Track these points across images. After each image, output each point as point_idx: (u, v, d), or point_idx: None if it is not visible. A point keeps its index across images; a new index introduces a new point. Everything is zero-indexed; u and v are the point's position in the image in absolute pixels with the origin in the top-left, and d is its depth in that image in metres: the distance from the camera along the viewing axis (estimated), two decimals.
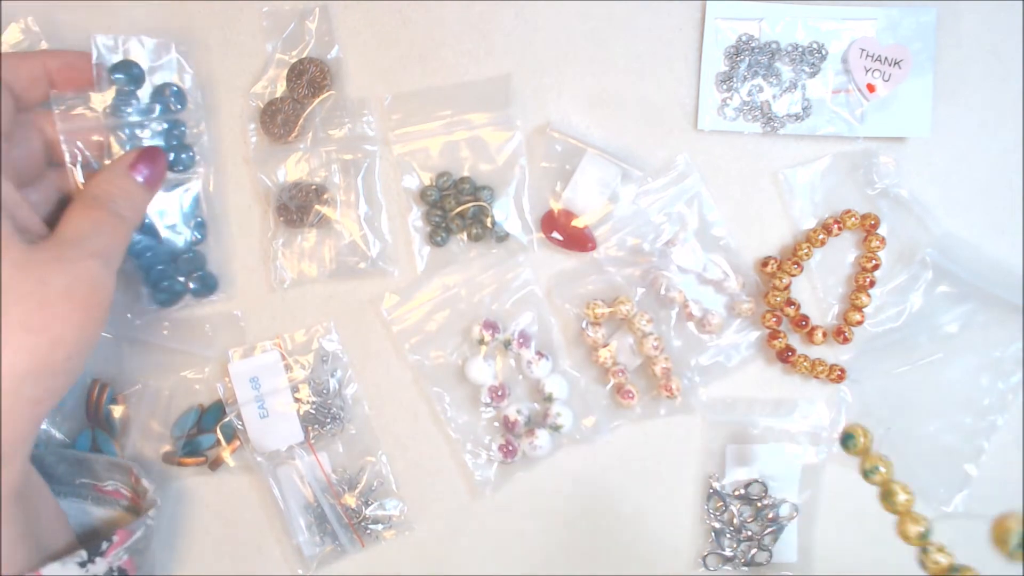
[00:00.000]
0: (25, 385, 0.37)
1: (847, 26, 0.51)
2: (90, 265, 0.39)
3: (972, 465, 0.52)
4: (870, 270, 0.51)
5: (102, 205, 0.42)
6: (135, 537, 0.44)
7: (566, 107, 0.52)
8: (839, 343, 0.51)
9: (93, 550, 0.42)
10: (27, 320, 0.36)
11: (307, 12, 0.50)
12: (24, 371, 0.36)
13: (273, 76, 0.50)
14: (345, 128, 0.51)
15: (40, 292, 0.37)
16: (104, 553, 0.42)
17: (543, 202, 0.51)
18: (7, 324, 0.36)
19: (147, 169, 0.45)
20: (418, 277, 0.52)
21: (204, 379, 0.52)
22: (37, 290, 0.37)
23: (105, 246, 0.41)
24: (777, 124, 0.51)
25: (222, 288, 0.51)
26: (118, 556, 0.43)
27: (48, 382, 0.38)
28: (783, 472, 0.53)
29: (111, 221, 0.42)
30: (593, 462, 0.53)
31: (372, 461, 0.52)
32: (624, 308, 0.50)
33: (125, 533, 0.44)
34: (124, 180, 0.44)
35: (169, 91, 0.48)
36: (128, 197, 0.44)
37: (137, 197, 0.45)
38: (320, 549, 0.52)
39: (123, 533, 0.44)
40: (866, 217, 0.51)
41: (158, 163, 0.46)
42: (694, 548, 0.54)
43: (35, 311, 0.37)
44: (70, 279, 0.38)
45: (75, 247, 0.39)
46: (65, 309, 0.38)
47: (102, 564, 0.42)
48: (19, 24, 0.49)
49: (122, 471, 0.48)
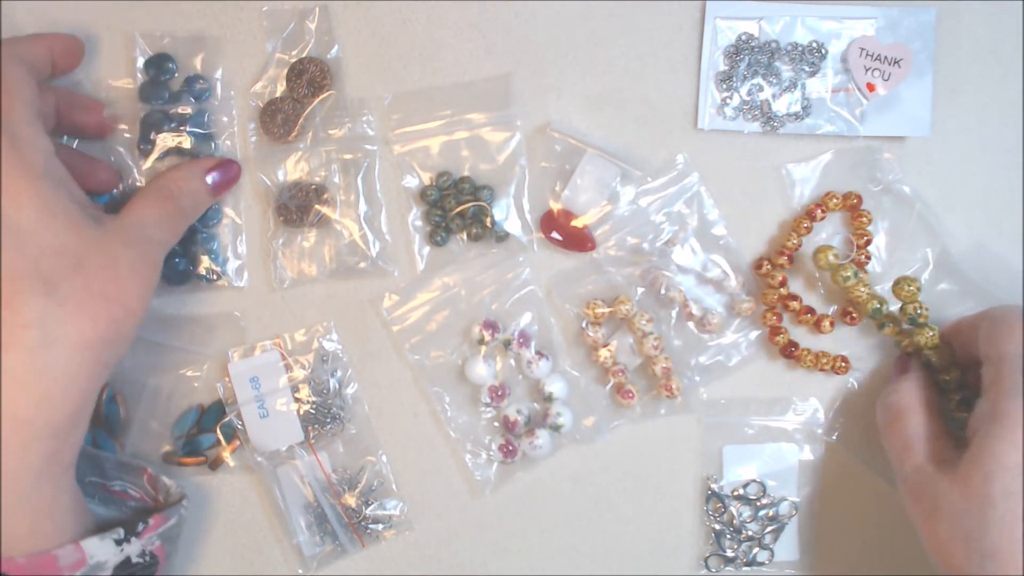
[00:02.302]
0: (103, 350, 0.40)
1: (847, 25, 0.51)
2: (149, 248, 0.43)
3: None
4: (863, 247, 0.51)
5: (170, 198, 0.45)
6: (169, 524, 0.45)
7: (566, 107, 0.52)
8: (847, 324, 0.51)
9: (130, 529, 0.43)
10: (105, 290, 0.40)
11: (307, 12, 0.50)
12: (103, 336, 0.40)
13: (273, 76, 0.51)
14: (345, 128, 0.51)
15: (113, 266, 0.40)
16: (140, 534, 0.43)
17: (543, 202, 0.52)
18: (90, 295, 0.39)
19: (220, 176, 0.49)
20: (418, 277, 0.52)
21: (203, 377, 0.52)
22: (111, 264, 0.40)
23: (163, 235, 0.44)
24: (777, 123, 0.51)
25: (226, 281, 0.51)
26: (151, 540, 0.44)
27: (119, 348, 0.41)
28: (781, 470, 0.53)
29: (174, 214, 0.46)
30: (593, 462, 0.53)
31: (372, 461, 0.52)
32: (624, 308, 0.50)
33: (161, 518, 0.45)
34: (196, 181, 0.47)
35: (199, 83, 0.50)
36: (194, 197, 0.47)
37: (202, 198, 0.48)
38: (320, 549, 0.52)
39: (159, 518, 0.44)
40: (847, 196, 0.51)
41: (231, 173, 0.49)
42: (695, 548, 0.54)
43: (111, 282, 0.40)
44: (134, 256, 0.41)
45: (138, 230, 0.43)
46: (134, 282, 0.41)
47: (136, 545, 0.43)
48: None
49: (132, 471, 0.48)
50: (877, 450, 0.53)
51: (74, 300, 0.38)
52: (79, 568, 0.40)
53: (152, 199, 0.45)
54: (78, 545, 0.40)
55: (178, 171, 0.47)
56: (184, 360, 0.51)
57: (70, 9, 0.50)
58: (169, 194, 0.46)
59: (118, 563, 0.42)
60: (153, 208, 0.44)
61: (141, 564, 0.43)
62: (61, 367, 0.38)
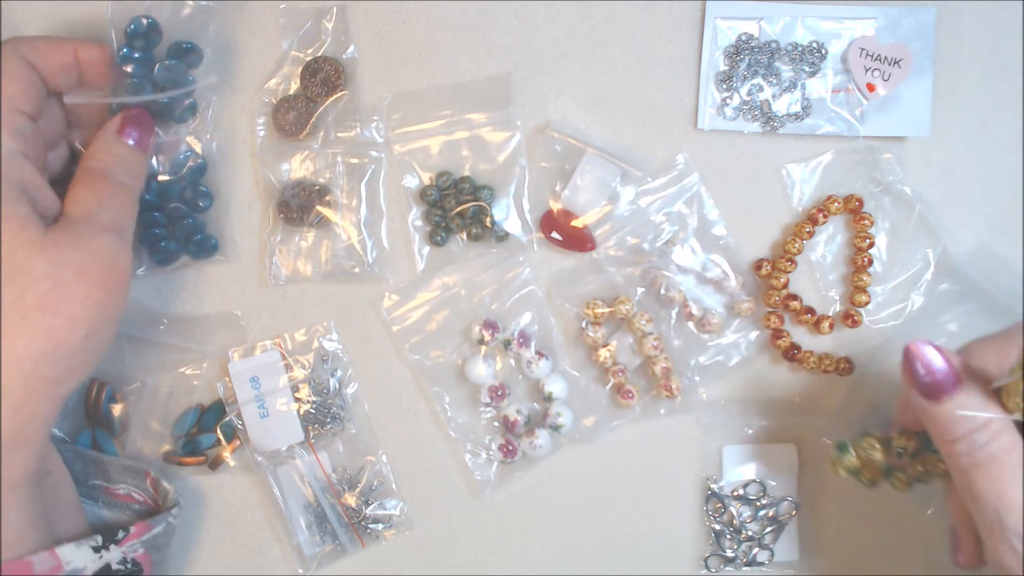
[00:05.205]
0: (43, 365, 0.37)
1: (847, 25, 0.51)
2: (104, 240, 0.40)
3: None
4: (865, 249, 0.51)
5: (102, 176, 0.42)
6: (153, 532, 0.44)
7: (566, 107, 0.52)
8: (848, 327, 0.51)
9: (108, 537, 0.42)
10: (42, 301, 0.37)
11: (324, 11, 0.50)
12: (40, 351, 0.37)
13: (287, 73, 0.50)
14: (354, 131, 0.51)
15: (55, 273, 0.38)
16: (120, 542, 0.42)
17: (543, 202, 0.52)
18: (24, 306, 0.37)
19: (135, 131, 0.44)
20: (418, 277, 0.52)
21: (203, 376, 0.52)
22: (52, 271, 0.38)
23: (114, 218, 0.41)
24: (777, 124, 0.51)
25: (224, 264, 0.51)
26: (133, 548, 0.43)
27: (67, 362, 0.38)
28: (781, 470, 0.53)
29: (115, 192, 0.42)
30: (593, 462, 0.53)
31: (372, 461, 0.52)
32: (624, 308, 0.50)
33: (143, 526, 0.44)
34: (116, 146, 0.44)
35: (184, 46, 0.47)
36: (124, 163, 0.43)
37: (133, 161, 0.44)
38: (320, 548, 0.52)
39: (141, 526, 0.44)
40: (848, 200, 0.51)
41: (144, 123, 0.45)
42: (695, 548, 0.54)
43: (49, 292, 0.37)
44: (84, 257, 0.39)
45: (86, 224, 0.40)
46: (80, 288, 0.38)
47: (116, 552, 0.42)
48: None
49: (136, 475, 0.48)
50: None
51: (11, 313, 0.37)
52: (55, 573, 0.40)
53: (84, 184, 0.42)
54: (53, 552, 0.40)
55: (95, 145, 0.43)
56: (184, 359, 0.51)
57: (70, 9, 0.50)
58: (99, 173, 0.42)
59: (97, 570, 0.41)
60: (89, 194, 0.41)
61: (123, 572, 0.43)
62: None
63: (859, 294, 0.51)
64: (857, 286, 0.51)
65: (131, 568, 0.43)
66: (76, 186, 0.42)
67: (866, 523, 0.53)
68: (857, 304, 0.51)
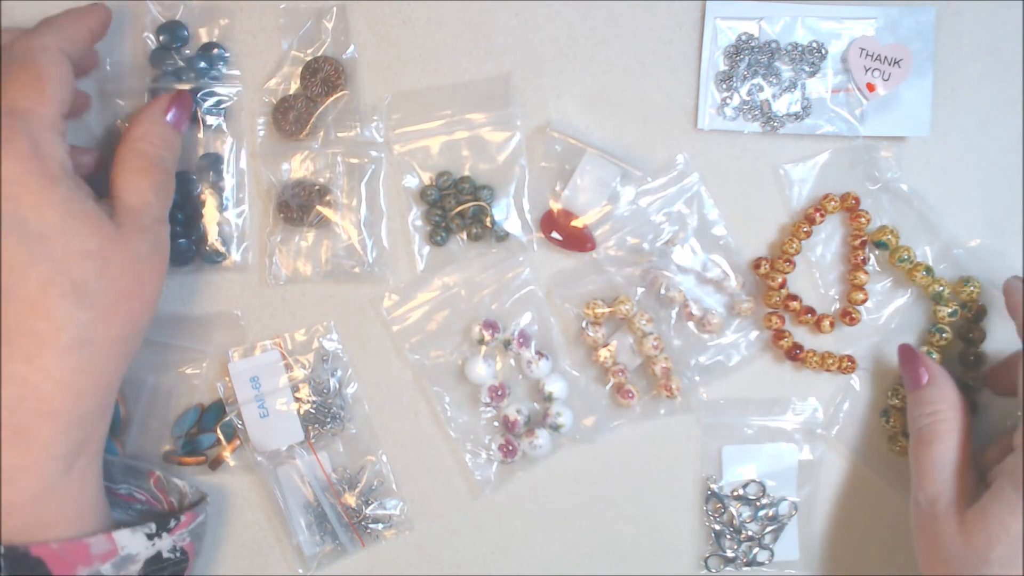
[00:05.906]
0: (127, 345, 0.41)
1: (847, 25, 0.51)
2: (161, 231, 0.43)
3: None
4: (860, 247, 0.51)
5: (155, 164, 0.44)
6: (198, 520, 0.45)
7: (566, 107, 0.52)
8: (847, 324, 0.51)
9: (162, 525, 0.43)
10: (129, 289, 0.41)
11: (324, 11, 0.50)
12: (128, 334, 0.41)
13: (287, 73, 0.51)
14: (354, 131, 0.51)
15: (134, 262, 0.41)
16: (171, 530, 0.43)
17: (543, 202, 0.52)
18: (113, 295, 0.40)
19: (181, 112, 0.46)
20: (418, 277, 0.52)
21: (203, 376, 0.52)
22: (131, 261, 0.41)
23: (165, 206, 0.44)
24: (777, 123, 0.51)
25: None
26: (182, 537, 0.44)
27: (139, 339, 0.42)
28: (780, 470, 0.53)
29: (166, 180, 0.44)
30: (593, 462, 0.53)
31: (372, 461, 0.52)
32: (624, 308, 0.50)
33: (192, 515, 0.45)
34: (164, 128, 0.45)
35: (215, 51, 0.50)
36: (171, 148, 0.45)
37: (176, 146, 0.45)
38: (320, 548, 0.52)
39: (190, 515, 0.45)
40: (844, 197, 0.51)
41: (188, 106, 0.47)
42: (695, 548, 0.54)
43: (134, 280, 0.41)
44: (149, 247, 0.42)
45: (147, 215, 0.42)
46: (149, 275, 0.42)
47: (168, 540, 0.43)
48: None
49: (138, 475, 0.48)
50: (877, 450, 0.53)
51: (102, 302, 0.39)
52: (110, 558, 0.41)
53: (141, 173, 0.43)
54: (109, 535, 0.41)
55: (140, 128, 0.44)
56: (184, 359, 0.51)
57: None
58: (153, 159, 0.43)
59: (149, 557, 0.42)
60: (148, 184, 0.43)
61: (172, 560, 0.43)
62: (92, 364, 0.40)
63: (856, 292, 0.51)
64: (854, 284, 0.51)
65: (179, 556, 0.44)
66: (130, 171, 0.43)
67: (866, 523, 0.54)
68: (855, 302, 0.51)
